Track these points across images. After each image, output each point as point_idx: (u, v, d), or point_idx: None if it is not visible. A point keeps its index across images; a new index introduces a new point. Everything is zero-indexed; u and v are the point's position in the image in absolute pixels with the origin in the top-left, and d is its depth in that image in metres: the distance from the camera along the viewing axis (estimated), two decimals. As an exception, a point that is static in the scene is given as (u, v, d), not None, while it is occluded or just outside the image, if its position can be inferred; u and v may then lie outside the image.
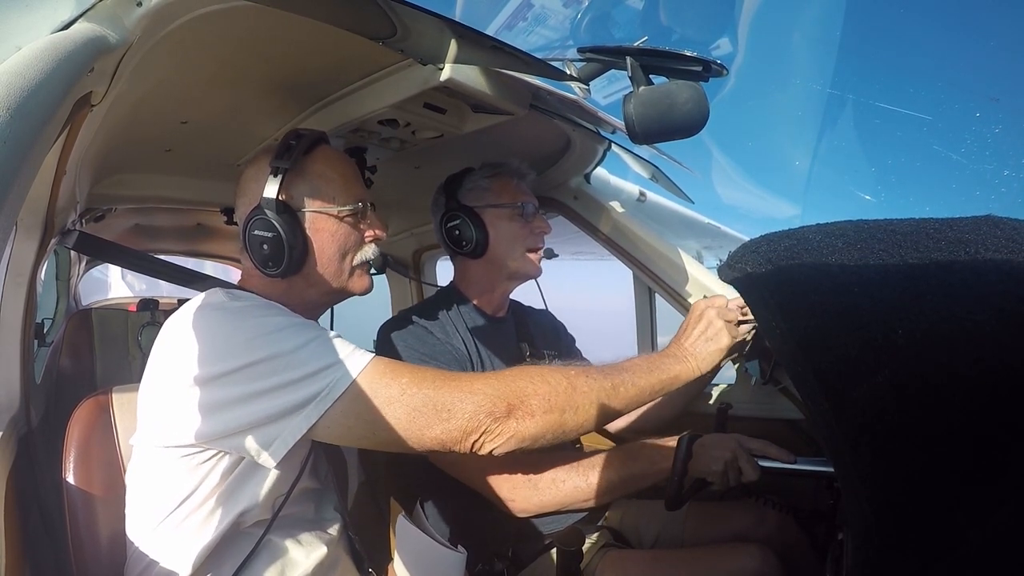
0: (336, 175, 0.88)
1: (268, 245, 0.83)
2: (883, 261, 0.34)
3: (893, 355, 0.30)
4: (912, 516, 0.30)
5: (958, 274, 0.32)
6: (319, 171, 0.87)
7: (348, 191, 0.88)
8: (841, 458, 0.34)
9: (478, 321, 1.23)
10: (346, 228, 0.88)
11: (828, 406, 0.33)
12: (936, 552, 0.29)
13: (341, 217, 0.87)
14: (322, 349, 0.73)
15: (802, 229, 0.38)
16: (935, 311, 0.30)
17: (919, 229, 0.35)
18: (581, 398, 0.78)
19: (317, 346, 0.74)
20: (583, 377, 0.79)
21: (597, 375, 0.81)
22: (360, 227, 0.90)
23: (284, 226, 0.82)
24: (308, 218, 0.85)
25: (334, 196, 0.87)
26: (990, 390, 0.28)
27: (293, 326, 0.76)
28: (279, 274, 0.84)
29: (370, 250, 0.91)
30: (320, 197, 0.86)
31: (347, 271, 0.89)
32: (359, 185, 0.91)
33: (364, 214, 0.90)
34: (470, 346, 1.17)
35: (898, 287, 0.32)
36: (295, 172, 0.85)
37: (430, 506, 1.18)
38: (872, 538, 0.31)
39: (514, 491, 1.01)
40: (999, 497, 0.27)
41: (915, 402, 0.29)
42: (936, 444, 0.29)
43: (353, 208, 0.87)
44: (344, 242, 0.88)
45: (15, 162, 0.38)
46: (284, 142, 0.86)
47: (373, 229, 0.91)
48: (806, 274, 0.35)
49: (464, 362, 1.14)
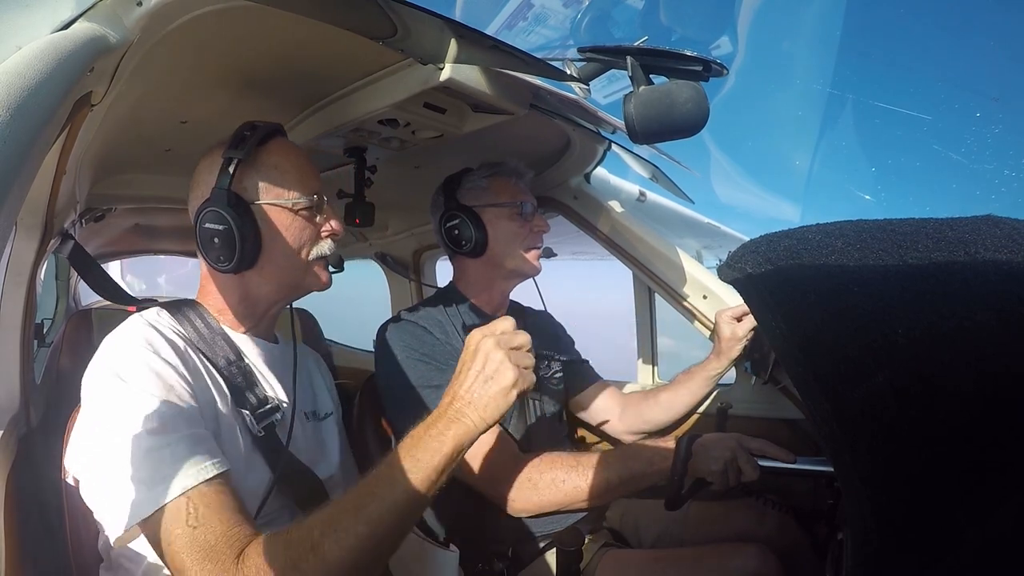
0: (291, 167, 0.85)
1: (219, 238, 0.80)
2: (883, 261, 0.34)
3: (893, 355, 0.30)
4: (912, 516, 0.30)
5: (958, 274, 0.32)
6: (274, 163, 0.84)
7: (303, 184, 0.85)
8: (841, 458, 0.34)
9: (477, 321, 1.23)
10: (301, 222, 0.85)
11: (828, 406, 0.33)
12: (936, 552, 0.29)
13: (296, 210, 0.84)
14: (154, 460, 0.65)
15: (802, 229, 0.38)
16: (935, 311, 0.30)
17: (919, 229, 0.35)
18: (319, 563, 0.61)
19: (148, 458, 0.65)
20: (330, 536, 0.62)
21: (345, 520, 0.63)
22: (316, 221, 0.87)
23: (235, 218, 0.79)
24: (261, 211, 0.82)
25: (288, 188, 0.84)
26: (990, 390, 0.28)
27: (141, 428, 0.66)
28: (231, 269, 0.81)
29: (326, 245, 0.87)
30: (273, 189, 0.83)
31: (302, 266, 0.86)
32: (315, 178, 0.88)
33: (321, 208, 0.87)
34: None
35: (898, 287, 0.32)
36: (248, 163, 0.82)
37: (430, 506, 1.18)
38: (872, 538, 0.31)
39: (514, 491, 1.01)
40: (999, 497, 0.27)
41: (915, 402, 0.29)
42: (936, 444, 0.29)
43: (308, 201, 0.84)
44: (299, 236, 0.84)
45: (15, 162, 0.38)
46: (238, 133, 0.84)
47: (330, 224, 0.87)
48: (806, 274, 0.35)
49: None
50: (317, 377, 1.03)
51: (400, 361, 1.10)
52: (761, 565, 1.00)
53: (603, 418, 1.37)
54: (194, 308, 0.87)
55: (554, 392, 1.30)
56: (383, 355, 1.13)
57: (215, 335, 0.84)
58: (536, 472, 1.01)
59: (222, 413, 0.78)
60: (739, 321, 1.18)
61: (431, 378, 1.08)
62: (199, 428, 0.70)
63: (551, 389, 1.29)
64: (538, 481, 1.00)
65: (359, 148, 1.22)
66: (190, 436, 0.68)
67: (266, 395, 0.84)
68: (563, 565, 0.90)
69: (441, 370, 1.09)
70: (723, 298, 1.29)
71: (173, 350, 0.76)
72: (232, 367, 0.82)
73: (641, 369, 1.55)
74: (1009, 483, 0.27)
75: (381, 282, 2.19)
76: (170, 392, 0.70)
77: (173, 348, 0.76)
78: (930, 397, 0.29)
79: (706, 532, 1.17)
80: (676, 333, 1.61)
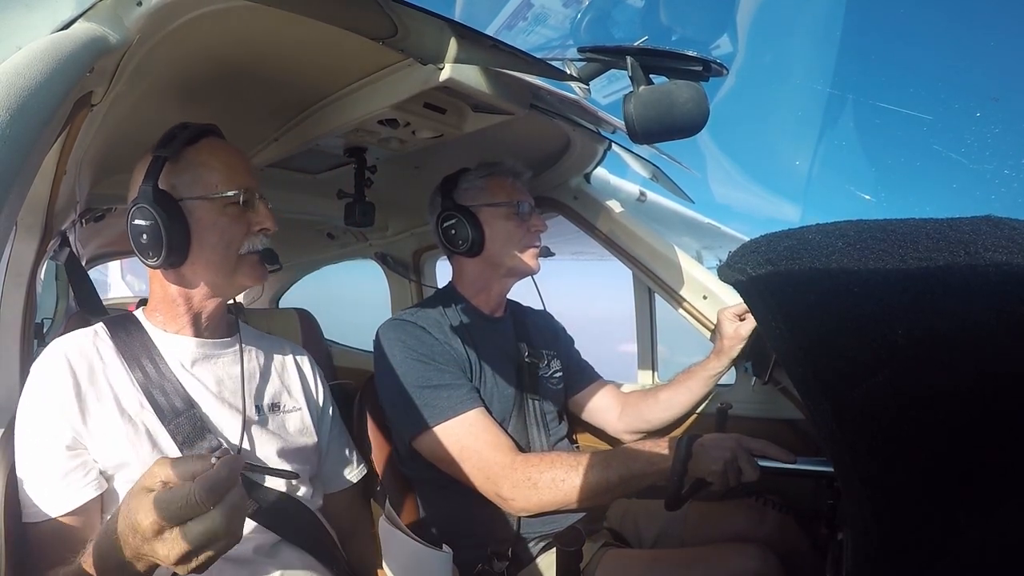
0: (219, 164, 0.85)
1: (146, 235, 0.81)
2: (883, 261, 0.34)
3: (893, 355, 0.30)
4: (912, 517, 0.30)
5: (958, 274, 0.32)
6: (202, 160, 0.85)
7: (231, 179, 0.85)
8: (841, 458, 0.34)
9: (476, 321, 1.23)
10: (228, 218, 0.85)
11: (828, 406, 0.33)
12: (936, 552, 0.29)
13: (223, 206, 0.84)
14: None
15: (802, 229, 0.38)
16: (935, 311, 0.30)
17: (919, 229, 0.35)
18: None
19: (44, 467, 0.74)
20: None
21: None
22: (246, 217, 0.86)
23: (160, 214, 0.80)
24: (189, 207, 0.83)
25: (215, 184, 0.84)
26: (990, 390, 0.28)
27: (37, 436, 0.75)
28: (158, 265, 0.82)
29: (258, 240, 0.87)
30: (200, 185, 0.84)
31: (232, 262, 0.86)
32: (245, 174, 0.87)
33: (252, 204, 0.86)
34: (468, 346, 1.17)
35: (898, 287, 0.32)
36: (177, 161, 0.84)
37: (431, 507, 1.18)
38: (872, 538, 0.31)
39: (514, 490, 1.01)
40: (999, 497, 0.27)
41: (915, 402, 0.29)
42: (936, 444, 0.29)
43: (236, 196, 0.84)
44: (226, 232, 0.85)
45: (15, 162, 0.38)
46: (169, 132, 0.85)
47: (261, 220, 0.87)
48: (806, 274, 0.35)
49: (462, 362, 1.14)
50: (290, 370, 1.00)
51: (399, 361, 1.10)
52: (761, 565, 1.00)
53: (602, 417, 1.37)
54: (131, 322, 0.88)
55: (554, 392, 1.30)
56: (382, 355, 1.13)
57: (142, 350, 0.85)
58: (536, 471, 1.01)
59: (135, 431, 0.79)
60: (741, 320, 1.18)
61: (430, 378, 1.08)
62: (79, 457, 0.75)
63: (551, 388, 1.30)
64: (538, 480, 1.00)
65: (359, 148, 1.22)
66: (67, 462, 0.74)
67: (190, 410, 0.83)
68: (563, 565, 0.90)
69: (440, 370, 1.09)
70: (723, 298, 1.29)
71: (73, 382, 0.78)
72: (157, 385, 0.83)
73: (641, 370, 1.55)
74: (1009, 483, 0.27)
75: (381, 281, 2.19)
76: (58, 422, 0.75)
77: (74, 380, 0.78)
78: (930, 397, 0.29)
79: (706, 532, 1.17)
80: (670, 341, 1.61)
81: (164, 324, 0.89)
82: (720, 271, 0.42)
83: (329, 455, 1.01)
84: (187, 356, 0.88)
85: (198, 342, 0.89)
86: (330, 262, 2.39)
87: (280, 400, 0.95)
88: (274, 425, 0.92)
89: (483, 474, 1.03)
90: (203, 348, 0.89)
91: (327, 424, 1.02)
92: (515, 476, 1.01)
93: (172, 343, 0.88)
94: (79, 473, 0.74)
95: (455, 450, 1.05)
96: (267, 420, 0.91)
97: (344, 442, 1.05)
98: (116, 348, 0.84)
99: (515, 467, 1.02)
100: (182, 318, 0.88)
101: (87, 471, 0.75)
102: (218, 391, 0.88)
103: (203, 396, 0.86)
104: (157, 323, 0.89)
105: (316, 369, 1.05)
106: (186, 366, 0.87)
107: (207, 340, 0.90)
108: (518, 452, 1.07)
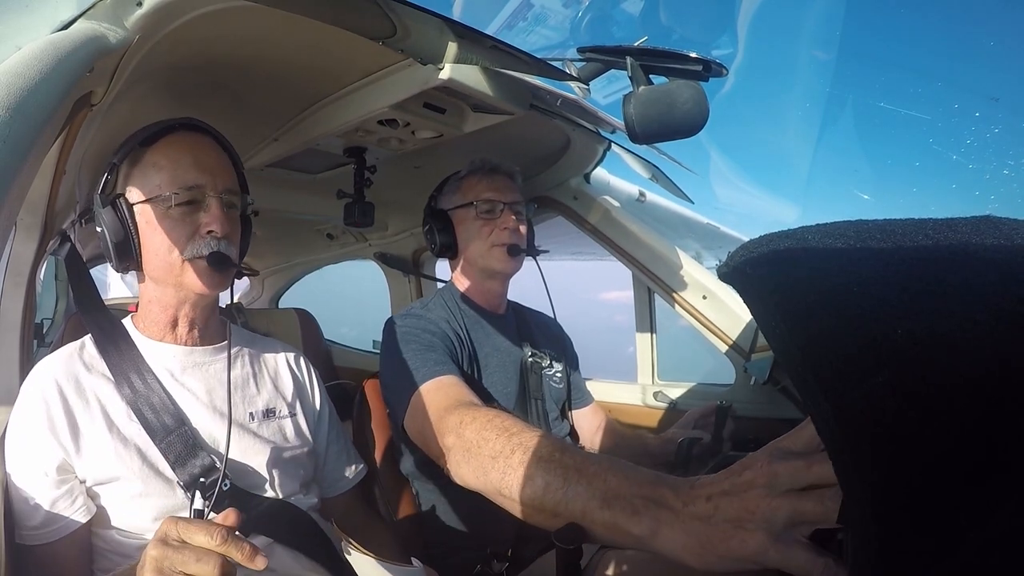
0: (167, 163, 0.81)
1: (100, 240, 0.81)
2: (882, 262, 0.34)
3: (892, 355, 0.30)
4: (913, 517, 0.30)
5: (958, 274, 0.32)
6: (152, 160, 0.82)
7: (176, 178, 0.80)
8: (841, 458, 0.34)
9: (478, 317, 1.24)
10: (172, 219, 0.80)
11: (828, 406, 0.33)
12: (937, 553, 0.29)
13: (167, 208, 0.80)
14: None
15: (801, 229, 0.38)
16: (935, 311, 0.30)
17: (918, 229, 0.35)
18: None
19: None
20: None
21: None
22: (195, 219, 0.81)
23: (106, 219, 0.79)
24: (136, 210, 0.81)
25: (159, 184, 0.80)
26: (990, 390, 0.28)
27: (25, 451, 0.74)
28: (118, 269, 0.83)
29: (204, 244, 0.81)
30: (146, 187, 0.81)
31: (177, 267, 0.81)
32: (194, 172, 0.81)
33: (204, 204, 0.81)
34: (471, 341, 1.17)
35: (897, 287, 0.32)
36: (129, 164, 0.82)
37: (430, 507, 1.18)
38: (872, 539, 0.31)
39: (452, 452, 0.93)
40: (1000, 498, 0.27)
41: (915, 402, 0.29)
42: (936, 444, 0.29)
43: (179, 196, 0.79)
44: (171, 233, 0.80)
45: (15, 162, 0.38)
46: (127, 139, 0.83)
47: (209, 221, 0.81)
48: (805, 275, 0.35)
49: (465, 357, 1.14)
50: (284, 374, 0.98)
51: (402, 353, 1.10)
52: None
53: (585, 438, 1.38)
54: (119, 332, 0.86)
55: (556, 390, 1.30)
56: (386, 348, 1.13)
57: (130, 364, 0.83)
58: (476, 431, 0.76)
59: (126, 447, 0.78)
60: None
61: (423, 357, 1.07)
62: (67, 483, 0.74)
63: (553, 387, 1.30)
64: (477, 448, 0.76)
65: (359, 148, 1.22)
66: (54, 490, 0.73)
67: (181, 427, 0.80)
68: (563, 563, 0.90)
69: (443, 362, 1.09)
70: (723, 298, 1.29)
71: (61, 401, 0.77)
72: (146, 401, 0.80)
73: (641, 369, 1.55)
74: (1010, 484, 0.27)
75: (381, 282, 2.19)
76: (47, 444, 0.74)
77: (62, 399, 0.77)
78: (930, 397, 0.29)
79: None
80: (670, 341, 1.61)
81: (149, 331, 0.87)
82: (720, 271, 0.41)
83: (328, 459, 1.00)
84: (175, 365, 0.85)
85: (185, 350, 0.87)
86: (330, 262, 2.39)
87: (275, 406, 0.93)
88: (268, 432, 0.89)
89: (427, 430, 0.88)
90: (191, 356, 0.87)
91: (324, 427, 1.00)
92: (454, 433, 0.80)
93: (159, 352, 0.85)
94: (66, 501, 0.73)
95: (431, 414, 0.89)
96: (261, 427, 0.89)
97: (342, 445, 1.03)
98: (104, 363, 0.82)
99: (472, 414, 0.80)
100: (162, 325, 0.86)
101: (73, 499, 0.74)
102: (209, 400, 0.85)
103: (193, 408, 0.83)
104: (143, 330, 0.87)
105: (312, 371, 1.03)
106: (175, 376, 0.85)
107: (195, 347, 0.88)
108: (473, 401, 0.89)
